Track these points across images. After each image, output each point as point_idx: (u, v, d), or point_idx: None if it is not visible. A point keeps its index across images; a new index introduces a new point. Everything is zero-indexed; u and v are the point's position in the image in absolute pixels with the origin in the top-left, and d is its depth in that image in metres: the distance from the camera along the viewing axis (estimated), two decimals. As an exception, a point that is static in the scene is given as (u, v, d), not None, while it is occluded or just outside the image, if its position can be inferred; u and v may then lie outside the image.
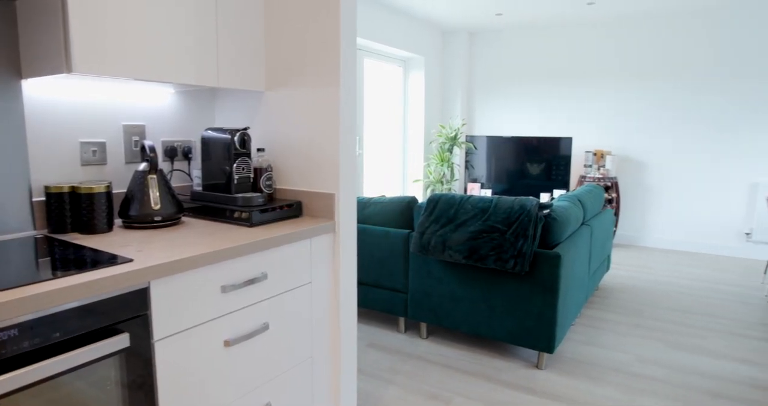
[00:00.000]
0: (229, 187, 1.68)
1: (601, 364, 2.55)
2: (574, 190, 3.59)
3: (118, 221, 1.63)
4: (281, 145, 1.81)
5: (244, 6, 1.70)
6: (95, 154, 1.61)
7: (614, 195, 5.05)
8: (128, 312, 1.10)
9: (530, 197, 2.44)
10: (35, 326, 0.94)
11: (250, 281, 1.40)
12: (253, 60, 1.75)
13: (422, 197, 5.93)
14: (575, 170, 5.56)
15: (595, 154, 5.25)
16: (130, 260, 1.15)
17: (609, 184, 5.05)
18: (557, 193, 5.26)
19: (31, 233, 1.45)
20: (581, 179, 5.18)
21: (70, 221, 1.45)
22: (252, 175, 1.74)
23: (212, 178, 1.73)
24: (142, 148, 1.57)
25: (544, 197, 5.25)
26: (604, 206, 4.81)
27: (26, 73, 1.40)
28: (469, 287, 2.56)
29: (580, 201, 2.99)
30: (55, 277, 1.02)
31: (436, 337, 2.86)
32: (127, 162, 1.70)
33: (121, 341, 1.08)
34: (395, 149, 5.73)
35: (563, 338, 2.71)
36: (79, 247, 1.28)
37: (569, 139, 5.16)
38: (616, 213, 5.08)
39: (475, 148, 5.66)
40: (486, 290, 2.51)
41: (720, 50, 4.73)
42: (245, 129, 1.69)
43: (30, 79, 1.43)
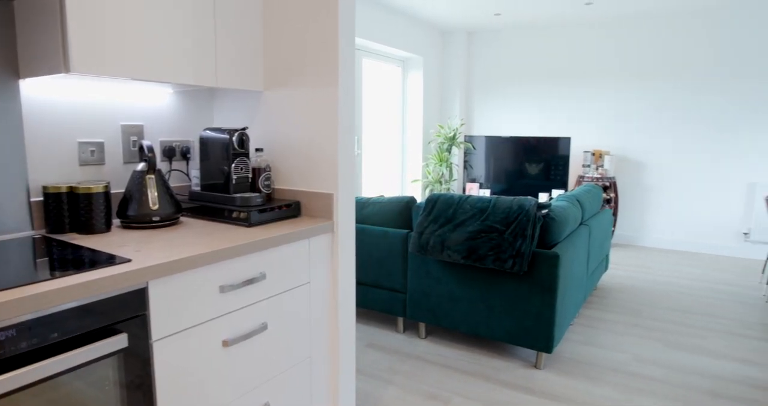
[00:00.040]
0: (227, 187, 1.68)
1: (599, 364, 2.55)
2: (572, 190, 3.59)
3: (116, 221, 1.63)
4: (280, 145, 1.81)
5: (242, 6, 1.70)
6: (93, 154, 1.61)
7: (612, 195, 5.06)
8: (126, 312, 1.10)
9: (529, 197, 2.44)
10: (33, 327, 0.94)
11: (249, 281, 1.40)
12: (251, 60, 1.75)
13: (421, 197, 5.93)
14: (574, 170, 5.57)
15: (593, 154, 5.25)
16: (129, 260, 1.15)
17: (607, 184, 5.06)
18: (556, 193, 5.26)
19: (29, 233, 1.44)
20: (580, 179, 5.18)
21: (69, 221, 1.45)
22: (250, 176, 1.74)
23: (211, 179, 1.73)
24: (141, 148, 1.57)
25: (543, 197, 5.25)
26: (602, 205, 4.82)
27: (24, 73, 1.39)
28: (467, 287, 2.56)
29: (578, 201, 2.99)
30: (54, 277, 1.02)
31: (435, 337, 2.86)
32: (125, 162, 1.70)
33: (119, 341, 1.08)
34: (394, 149, 5.73)
35: (562, 337, 2.71)
36: (78, 247, 1.28)
37: (568, 139, 5.17)
38: (615, 213, 5.09)
39: (474, 148, 5.66)
40: (484, 289, 2.52)
41: (717, 50, 4.74)
42: (244, 129, 1.69)
43: (28, 79, 1.42)
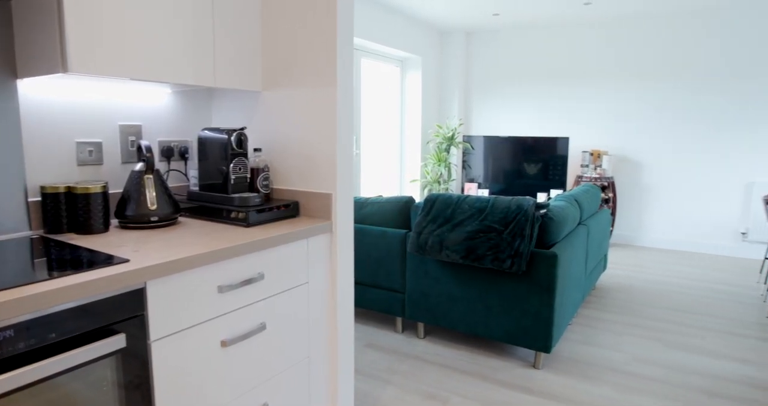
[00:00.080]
0: (225, 187, 1.68)
1: (597, 363, 2.56)
2: (570, 190, 3.59)
3: (114, 222, 1.63)
4: (278, 145, 1.81)
5: (241, 5, 1.70)
6: (91, 154, 1.60)
7: (611, 195, 5.06)
8: (124, 313, 1.10)
9: (527, 197, 2.44)
10: (31, 327, 0.94)
11: (247, 282, 1.40)
12: (250, 60, 1.75)
13: (419, 197, 5.93)
14: (572, 170, 5.57)
15: (591, 154, 5.26)
16: (127, 261, 1.15)
17: (606, 184, 5.07)
18: (554, 193, 5.27)
19: (27, 233, 1.44)
20: (578, 179, 5.19)
21: (66, 221, 1.44)
22: (249, 176, 1.74)
23: (209, 179, 1.73)
24: (139, 148, 1.57)
25: (541, 197, 5.26)
26: (600, 205, 4.82)
27: (22, 73, 1.39)
28: (466, 287, 2.57)
29: (576, 201, 3.00)
30: (51, 277, 1.01)
31: (434, 337, 2.86)
32: (123, 162, 1.70)
33: (117, 341, 1.08)
34: (392, 149, 5.73)
35: (560, 337, 2.71)
36: (75, 247, 1.28)
37: (566, 139, 5.18)
38: (613, 213, 5.10)
39: (472, 148, 5.67)
40: (483, 289, 2.52)
41: (715, 51, 4.75)
42: (242, 129, 1.69)
43: (26, 79, 1.42)
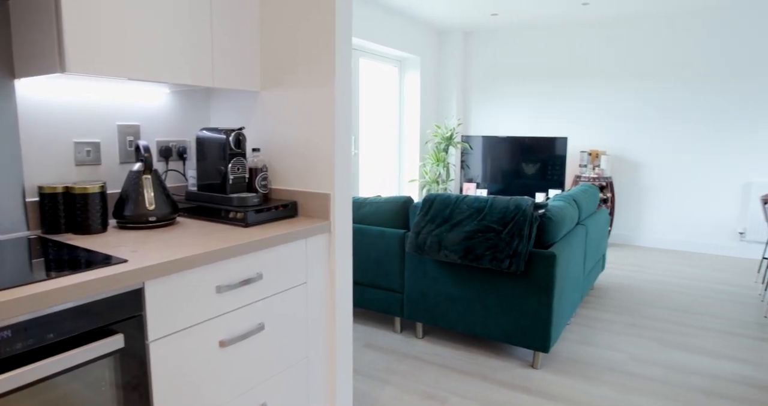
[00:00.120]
0: (224, 187, 1.67)
1: (596, 363, 2.56)
2: (569, 190, 3.60)
3: (112, 222, 1.63)
4: (277, 145, 1.81)
5: (239, 6, 1.70)
6: (89, 154, 1.60)
7: (609, 195, 5.07)
8: (123, 313, 1.10)
9: (525, 197, 2.44)
10: (29, 327, 0.94)
11: (246, 282, 1.40)
12: (248, 60, 1.75)
13: (418, 197, 5.93)
14: (570, 170, 5.58)
15: (590, 154, 5.27)
16: (125, 261, 1.15)
17: (604, 183, 5.07)
18: (552, 192, 5.27)
19: (24, 233, 1.44)
20: (576, 179, 5.19)
21: (64, 221, 1.44)
22: (247, 176, 1.73)
23: (207, 179, 1.73)
24: (137, 148, 1.57)
25: (540, 197, 5.26)
26: (599, 205, 4.83)
27: (19, 73, 1.39)
28: (464, 287, 2.57)
29: (575, 201, 3.00)
30: (49, 278, 1.01)
31: (432, 337, 2.86)
32: (121, 162, 1.70)
33: (115, 342, 1.07)
34: (391, 149, 5.73)
35: (558, 337, 2.72)
36: (73, 247, 1.27)
37: (564, 139, 5.18)
38: (611, 213, 5.10)
39: (471, 148, 5.67)
40: (481, 289, 2.52)
41: (714, 51, 4.76)
42: (240, 129, 1.68)
43: (23, 79, 1.42)
